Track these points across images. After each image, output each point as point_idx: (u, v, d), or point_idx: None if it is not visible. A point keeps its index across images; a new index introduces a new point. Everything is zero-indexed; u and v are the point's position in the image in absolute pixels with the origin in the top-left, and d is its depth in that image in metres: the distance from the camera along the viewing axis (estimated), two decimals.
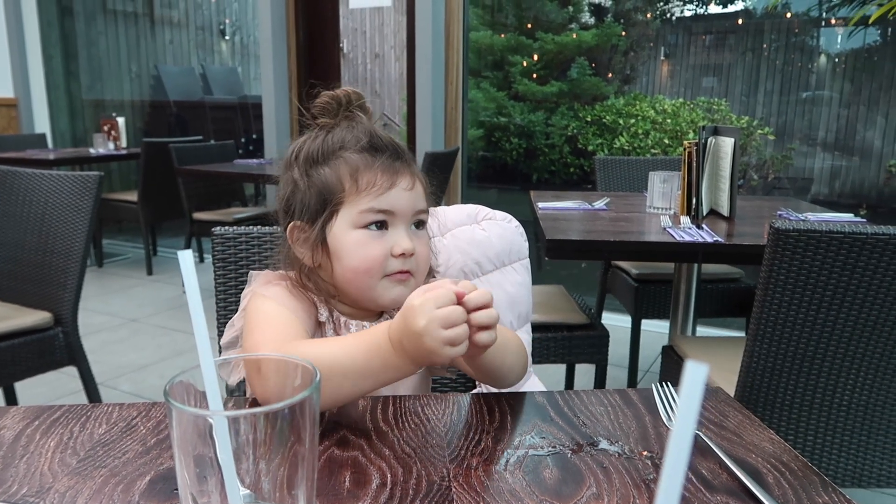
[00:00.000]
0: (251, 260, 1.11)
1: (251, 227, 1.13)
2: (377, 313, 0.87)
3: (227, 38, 7.58)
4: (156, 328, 3.42)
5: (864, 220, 1.97)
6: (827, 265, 1.22)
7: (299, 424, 0.37)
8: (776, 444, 0.66)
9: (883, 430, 1.34)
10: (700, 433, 0.67)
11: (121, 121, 4.76)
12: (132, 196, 4.40)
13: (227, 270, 1.10)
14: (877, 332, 1.26)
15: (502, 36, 7.64)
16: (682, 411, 0.26)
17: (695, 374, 0.26)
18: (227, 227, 1.13)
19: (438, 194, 3.66)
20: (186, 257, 0.35)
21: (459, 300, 0.65)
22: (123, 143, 4.75)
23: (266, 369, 0.51)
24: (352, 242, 0.80)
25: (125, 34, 6.27)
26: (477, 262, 1.18)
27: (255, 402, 0.58)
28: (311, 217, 0.82)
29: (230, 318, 0.97)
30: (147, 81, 6.49)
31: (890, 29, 2.30)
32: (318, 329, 0.85)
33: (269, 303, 0.80)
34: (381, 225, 0.81)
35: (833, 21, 7.09)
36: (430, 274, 1.14)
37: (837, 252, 1.20)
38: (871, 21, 2.52)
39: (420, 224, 0.85)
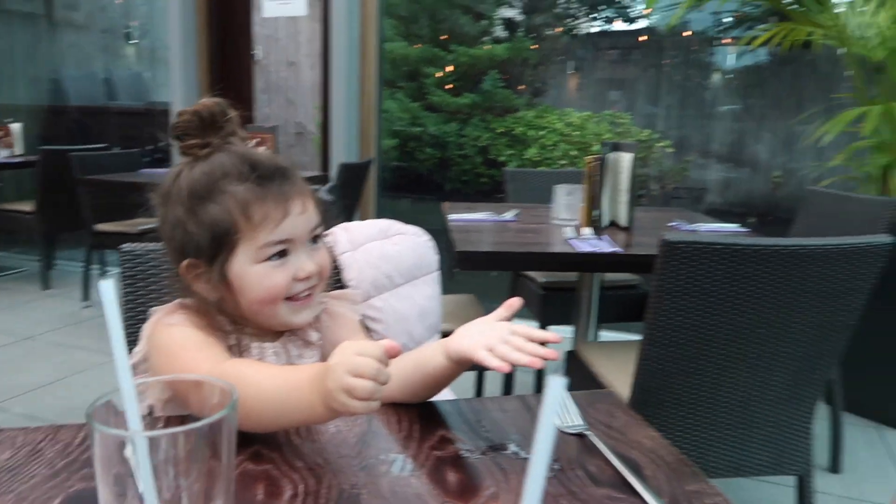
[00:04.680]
0: (161, 277, 1.10)
1: (161, 242, 1.12)
2: (278, 333, 0.87)
3: (133, 42, 7.31)
4: (52, 346, 3.26)
5: (749, 230, 2.15)
6: (710, 274, 1.33)
7: (217, 442, 0.40)
8: (655, 440, 0.73)
9: (759, 424, 1.47)
10: (590, 433, 0.74)
11: (16, 127, 4.50)
12: (28, 206, 4.17)
13: (135, 287, 1.09)
14: (754, 334, 1.38)
15: (417, 47, 7.73)
16: (544, 417, 0.31)
17: (555, 386, 0.32)
18: (134, 244, 1.12)
19: (352, 208, 3.67)
20: (108, 288, 0.37)
21: (391, 356, 0.63)
22: (19, 150, 4.50)
23: (185, 390, 0.53)
24: (254, 276, 0.79)
25: (22, 36, 5.94)
26: (388, 275, 1.22)
27: (172, 422, 0.60)
28: (207, 256, 0.80)
29: (135, 340, 0.96)
30: (46, 86, 6.17)
31: (776, 51, 2.51)
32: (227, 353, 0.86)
33: (183, 328, 0.79)
34: (282, 253, 0.81)
35: (726, 41, 7.59)
36: (341, 286, 1.17)
37: (720, 262, 1.32)
38: (752, 47, 2.74)
39: (316, 238, 0.85)
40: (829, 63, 6.06)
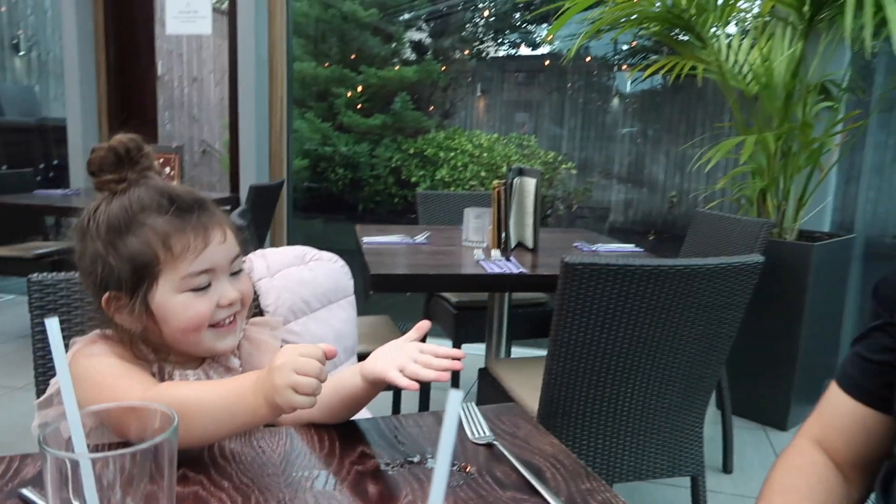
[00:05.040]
0: (72, 307, 1.09)
1: (72, 272, 1.11)
2: (199, 360, 0.90)
3: (21, 53, 6.94)
4: None
5: (643, 250, 2.30)
6: (607, 293, 1.44)
7: (160, 463, 0.43)
8: (555, 447, 0.81)
9: (657, 430, 1.59)
10: (497, 443, 0.80)
11: None
12: None
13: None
14: (649, 347, 1.50)
15: (326, 66, 7.73)
16: (446, 426, 0.37)
17: (454, 399, 0.38)
18: (44, 274, 1.10)
19: (263, 230, 3.63)
20: (53, 325, 0.40)
21: (328, 358, 0.72)
22: None
23: (121, 417, 0.55)
24: (178, 306, 0.82)
25: None
26: (305, 300, 1.25)
27: (111, 449, 0.62)
28: (128, 289, 0.81)
29: (49, 370, 0.95)
30: None
31: (669, 78, 2.72)
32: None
33: (105, 358, 0.80)
34: (204, 282, 0.83)
35: (624, 67, 8.05)
36: (260, 313, 1.20)
37: (615, 282, 1.43)
38: (644, 76, 2.94)
39: (237, 265, 0.88)
40: (715, 92, 6.54)
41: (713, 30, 2.56)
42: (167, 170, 3.79)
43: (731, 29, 2.94)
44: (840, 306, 2.79)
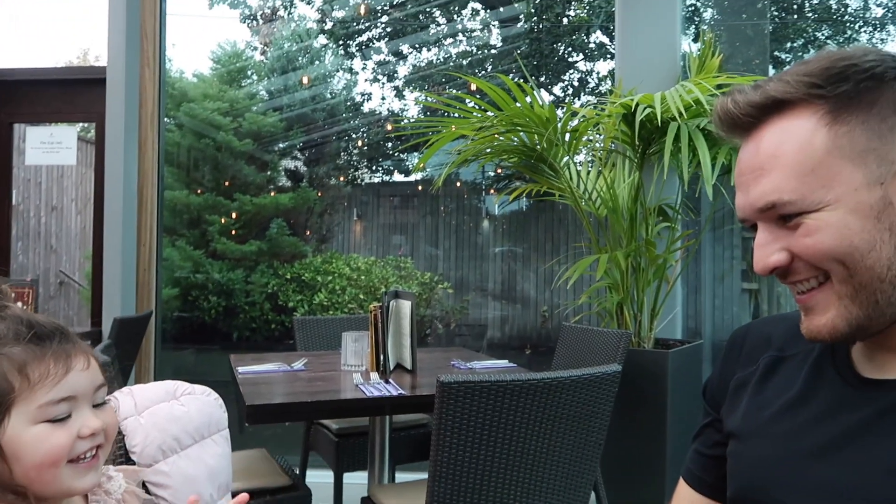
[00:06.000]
0: None
1: None
2: None
3: None
4: None
5: (516, 365, 2.40)
6: (482, 408, 1.50)
7: None
8: None
9: None
10: None
11: None
12: None
13: None
14: (525, 459, 1.55)
15: (199, 194, 7.67)
16: None
17: None
18: None
19: (128, 364, 3.43)
20: None
21: None
22: None
23: None
24: (32, 439, 0.77)
25: None
26: (176, 437, 1.21)
27: None
28: None
29: None
30: None
31: (534, 202, 2.96)
32: None
33: None
34: (64, 411, 0.79)
35: (492, 191, 8.58)
36: (126, 456, 1.14)
37: (488, 397, 1.49)
38: (511, 199, 3.18)
39: (100, 396, 0.84)
40: (574, 214, 7.12)
41: (564, 160, 2.85)
42: (19, 304, 3.54)
43: (582, 157, 3.27)
44: (698, 405, 3.00)
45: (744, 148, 0.70)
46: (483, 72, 8.54)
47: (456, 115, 2.95)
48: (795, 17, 7.27)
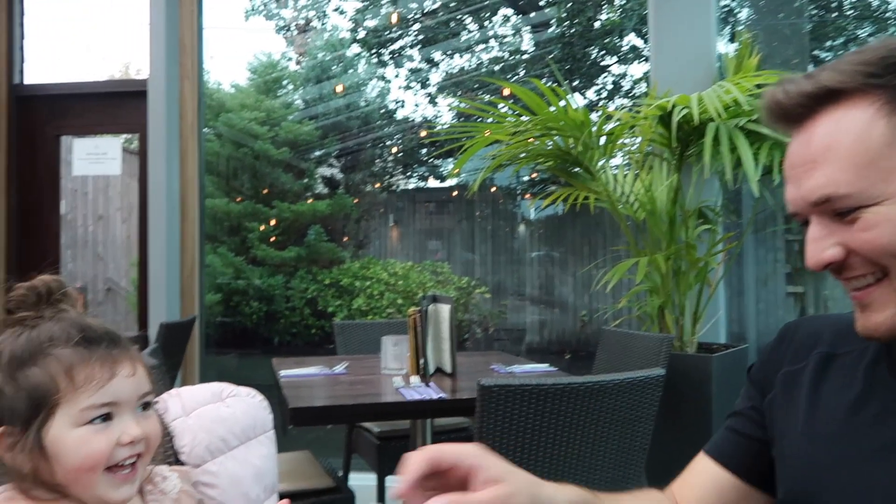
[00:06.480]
0: None
1: None
2: None
3: None
4: None
5: (557, 369, 2.39)
6: (524, 412, 1.49)
7: None
8: None
9: None
10: None
11: None
12: None
13: None
14: (567, 464, 1.54)
15: (239, 201, 7.82)
16: None
17: None
18: None
19: (174, 369, 3.50)
20: None
21: None
22: None
23: None
24: (73, 442, 0.77)
25: None
26: (223, 439, 1.23)
27: None
28: (23, 422, 0.77)
29: None
30: None
31: (571, 205, 2.94)
32: None
33: None
34: (106, 417, 0.79)
35: (527, 196, 8.56)
36: (175, 457, 1.17)
37: (530, 401, 1.49)
38: (544, 205, 3.17)
39: (146, 405, 0.84)
40: (611, 217, 7.05)
41: (600, 163, 2.83)
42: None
43: (619, 160, 3.24)
44: None
45: (795, 139, 0.68)
46: (515, 77, 8.54)
47: (490, 119, 2.95)
48: (835, 14, 7.10)
